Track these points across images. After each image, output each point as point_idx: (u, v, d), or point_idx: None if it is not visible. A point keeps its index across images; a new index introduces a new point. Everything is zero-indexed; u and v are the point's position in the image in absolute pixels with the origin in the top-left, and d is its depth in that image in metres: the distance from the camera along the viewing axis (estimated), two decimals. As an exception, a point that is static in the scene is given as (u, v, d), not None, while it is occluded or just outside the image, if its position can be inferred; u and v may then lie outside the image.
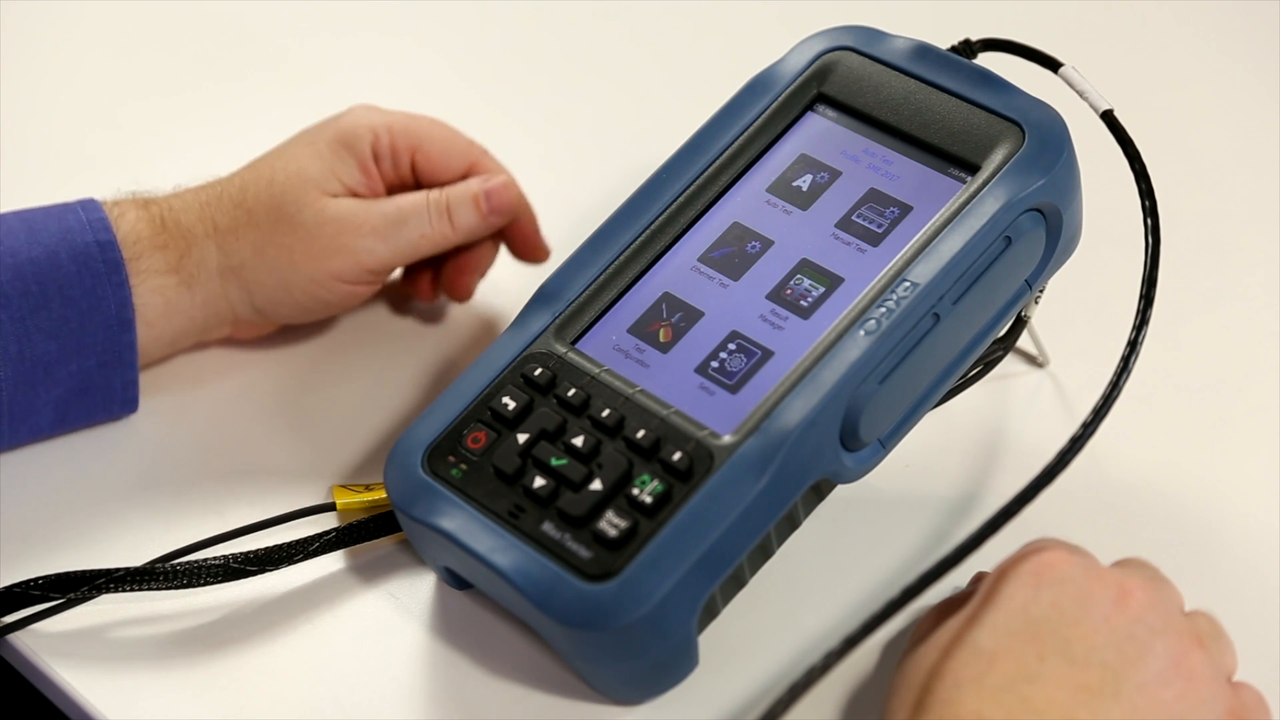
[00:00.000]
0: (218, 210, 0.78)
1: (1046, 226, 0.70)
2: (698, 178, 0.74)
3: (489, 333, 0.85)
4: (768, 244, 0.72)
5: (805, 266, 0.71)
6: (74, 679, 0.69)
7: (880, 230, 0.71)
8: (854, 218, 0.72)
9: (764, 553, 0.69)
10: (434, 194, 0.80)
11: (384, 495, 0.74)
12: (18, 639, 0.70)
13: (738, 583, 0.69)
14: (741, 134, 0.74)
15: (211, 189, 0.80)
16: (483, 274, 0.85)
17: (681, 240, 0.73)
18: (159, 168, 0.96)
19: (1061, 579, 0.62)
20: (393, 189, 0.82)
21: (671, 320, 0.71)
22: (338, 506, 0.74)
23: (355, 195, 0.80)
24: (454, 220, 0.80)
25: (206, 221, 0.78)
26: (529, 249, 0.85)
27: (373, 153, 0.80)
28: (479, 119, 1.00)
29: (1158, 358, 0.81)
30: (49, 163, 0.96)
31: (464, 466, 0.68)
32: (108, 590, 0.69)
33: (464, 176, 0.83)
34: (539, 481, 0.66)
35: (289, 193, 0.78)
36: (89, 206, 0.77)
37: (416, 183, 0.83)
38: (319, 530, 0.73)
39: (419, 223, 0.79)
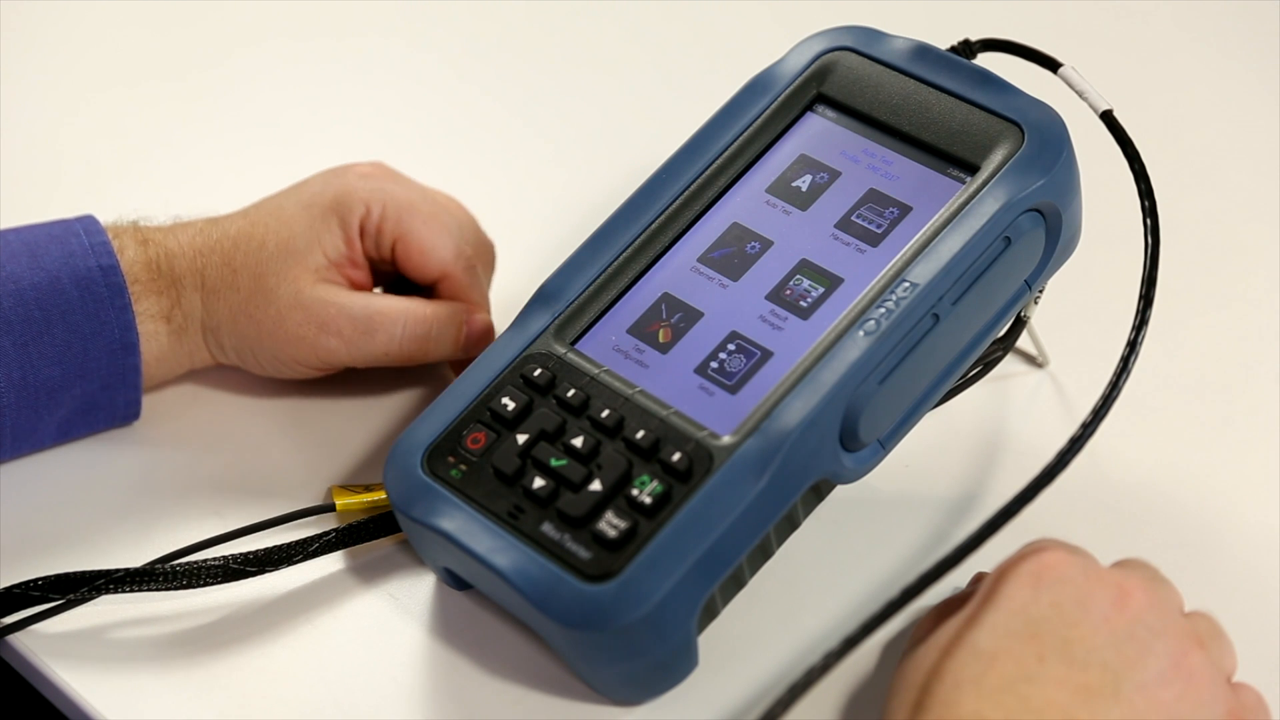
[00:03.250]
0: (208, 263, 0.78)
1: (1046, 227, 0.70)
2: (697, 178, 0.74)
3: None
4: (767, 244, 0.72)
5: (805, 267, 0.71)
6: (74, 679, 0.69)
7: (880, 230, 0.71)
8: (853, 218, 0.72)
9: (764, 553, 0.69)
10: (414, 310, 0.78)
11: (383, 496, 0.74)
12: (18, 639, 0.70)
13: (737, 583, 0.69)
14: (741, 134, 0.74)
15: (208, 234, 0.79)
16: None
17: (681, 240, 0.73)
18: (158, 167, 0.96)
19: (1061, 579, 0.62)
20: (374, 262, 0.81)
21: (671, 320, 0.71)
22: (337, 507, 0.74)
23: (338, 268, 0.78)
24: (430, 345, 0.79)
25: (196, 274, 0.78)
26: (461, 367, 0.82)
27: (360, 227, 0.79)
28: (479, 119, 1.01)
29: (1158, 358, 0.81)
30: (46, 162, 0.96)
31: (463, 467, 0.68)
32: (108, 591, 0.69)
33: (436, 280, 0.81)
34: (538, 482, 0.66)
35: (273, 263, 0.77)
36: (90, 228, 0.76)
37: (394, 263, 0.81)
38: (319, 531, 0.73)
39: (387, 338, 0.78)
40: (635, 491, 0.65)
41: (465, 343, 0.80)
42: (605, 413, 0.67)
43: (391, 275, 0.83)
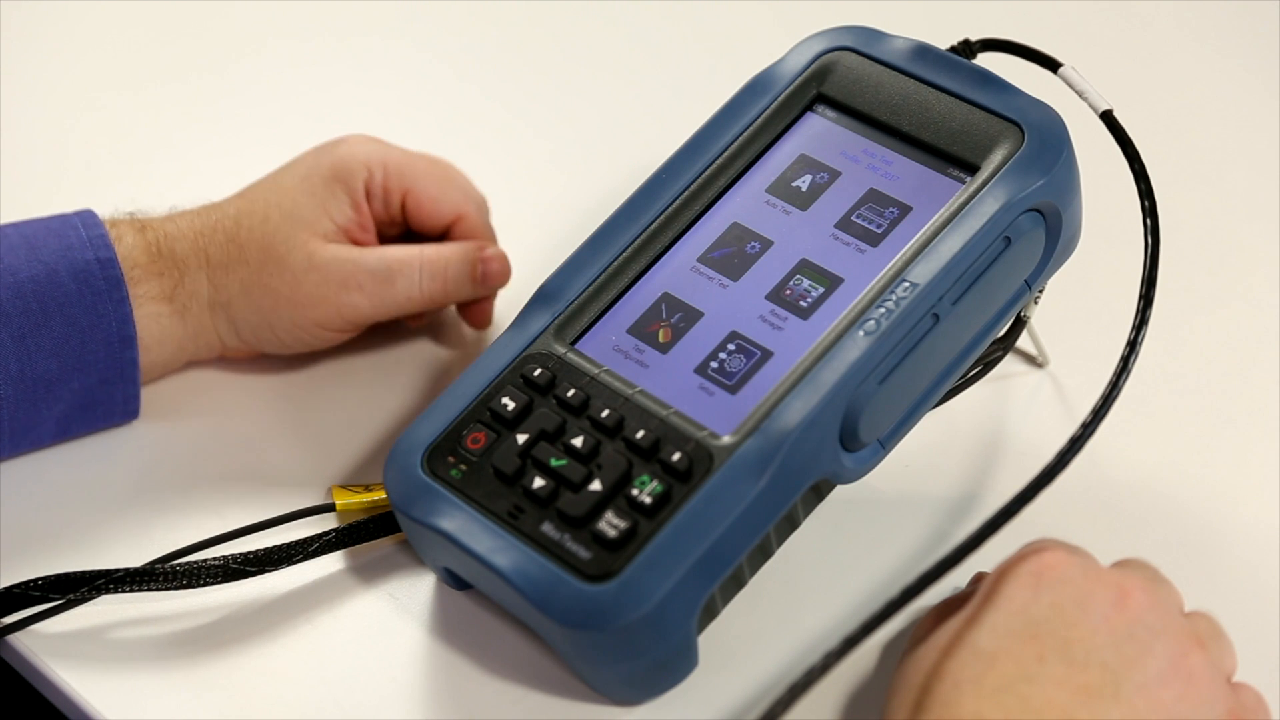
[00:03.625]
0: (210, 242, 0.78)
1: (1046, 227, 0.70)
2: (697, 178, 0.74)
3: (488, 333, 0.85)
4: (767, 244, 0.72)
5: (805, 267, 0.71)
6: (74, 679, 0.69)
7: (880, 230, 0.71)
8: (853, 218, 0.72)
9: (764, 553, 0.69)
10: (428, 253, 0.79)
11: (383, 496, 0.74)
12: (18, 639, 0.71)
13: (737, 583, 0.69)
14: (741, 134, 0.74)
15: (206, 216, 0.79)
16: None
17: (681, 240, 0.73)
18: (158, 167, 0.96)
19: (1061, 580, 0.62)
20: (381, 225, 0.82)
21: (671, 320, 0.71)
22: (337, 507, 0.74)
23: (346, 233, 0.79)
24: (449, 284, 0.80)
25: (199, 253, 0.78)
26: (480, 317, 0.84)
27: (365, 189, 0.80)
28: (479, 119, 1.01)
29: (1158, 358, 0.81)
30: (46, 161, 0.96)
31: (463, 467, 0.68)
32: (108, 591, 0.69)
33: (449, 226, 0.82)
34: (538, 482, 0.66)
35: (280, 232, 0.78)
36: (88, 222, 0.76)
37: (404, 222, 0.82)
38: (319, 531, 0.73)
39: (407, 284, 0.79)
40: (635, 491, 0.65)
41: (482, 278, 0.81)
42: (605, 413, 0.68)
43: (396, 238, 0.83)
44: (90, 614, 0.71)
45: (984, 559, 0.66)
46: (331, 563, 0.73)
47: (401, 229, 0.83)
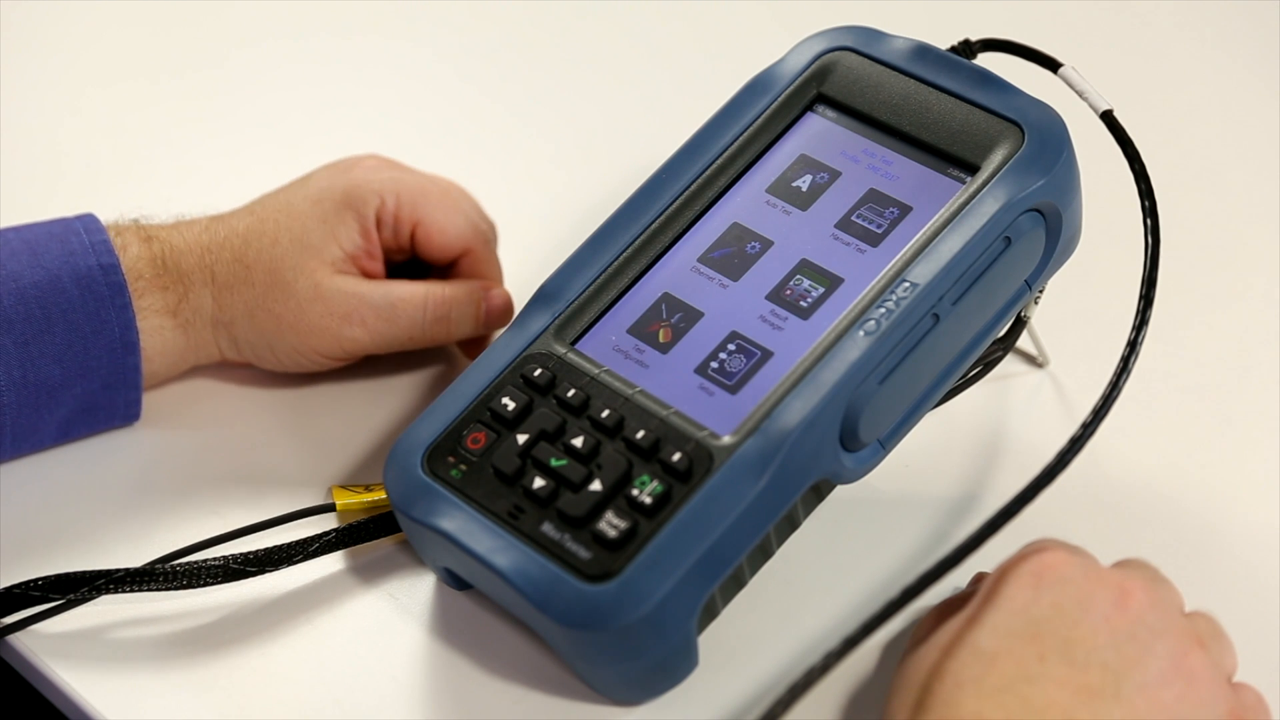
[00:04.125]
0: (217, 260, 0.78)
1: (1046, 227, 0.70)
2: (697, 178, 0.74)
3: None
4: (767, 244, 0.72)
5: (805, 267, 0.71)
6: (74, 679, 0.69)
7: (880, 231, 0.71)
8: (854, 218, 0.72)
9: (764, 553, 0.69)
10: (434, 293, 0.79)
11: (384, 496, 0.74)
12: (18, 639, 0.71)
13: (738, 583, 0.69)
14: (741, 134, 0.74)
15: (214, 231, 0.79)
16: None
17: (681, 240, 0.73)
18: (158, 166, 0.96)
19: (1062, 580, 0.62)
20: (389, 252, 0.82)
21: (671, 321, 0.71)
22: (337, 507, 0.74)
23: (354, 261, 0.79)
24: (452, 326, 0.80)
25: (205, 270, 0.78)
26: (475, 350, 0.84)
27: (376, 218, 0.80)
28: (479, 119, 1.01)
29: (1158, 358, 0.81)
30: (46, 162, 0.96)
31: (463, 467, 0.68)
32: (108, 591, 0.69)
33: (457, 258, 0.82)
34: (538, 482, 0.66)
35: (289, 258, 0.78)
36: (90, 227, 0.76)
37: (412, 249, 0.82)
38: (319, 531, 0.73)
39: (409, 322, 0.79)
40: (635, 491, 0.65)
41: (485, 319, 0.81)
42: (605, 413, 0.67)
43: (402, 264, 0.83)
44: (90, 614, 0.71)
45: (984, 559, 0.66)
46: (331, 563, 0.73)
47: (409, 256, 0.83)
